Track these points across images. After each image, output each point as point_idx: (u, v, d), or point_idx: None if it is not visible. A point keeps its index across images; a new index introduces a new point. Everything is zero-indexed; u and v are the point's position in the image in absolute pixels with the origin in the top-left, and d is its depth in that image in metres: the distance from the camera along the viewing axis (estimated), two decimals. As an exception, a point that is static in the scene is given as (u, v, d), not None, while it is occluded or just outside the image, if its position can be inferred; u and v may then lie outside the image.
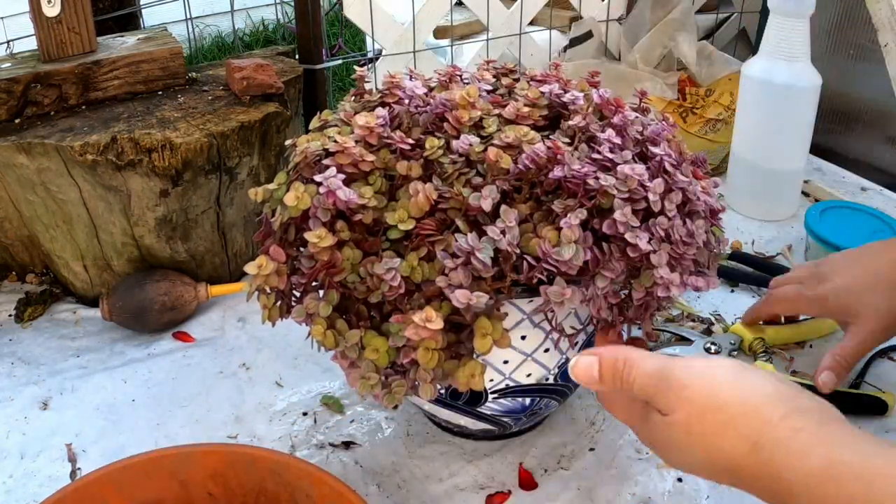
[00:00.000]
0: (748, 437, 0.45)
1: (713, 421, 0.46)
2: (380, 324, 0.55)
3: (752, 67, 1.01)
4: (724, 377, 0.47)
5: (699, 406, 0.47)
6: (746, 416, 0.45)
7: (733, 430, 0.45)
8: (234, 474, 0.59)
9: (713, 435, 0.46)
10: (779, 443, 0.43)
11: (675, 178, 0.56)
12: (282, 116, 0.89)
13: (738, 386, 0.46)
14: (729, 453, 0.45)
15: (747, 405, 0.45)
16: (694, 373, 0.47)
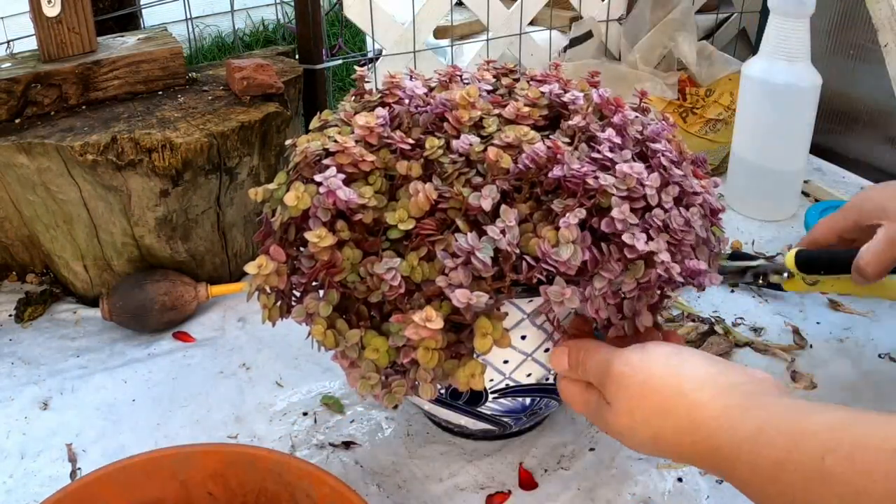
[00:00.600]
0: (685, 419, 0.48)
1: (650, 406, 0.50)
2: (380, 324, 0.55)
3: (752, 67, 1.01)
4: (656, 365, 0.51)
5: (636, 394, 0.50)
6: (679, 399, 0.48)
7: (670, 415, 0.49)
8: (235, 474, 0.59)
9: (653, 418, 0.50)
10: (713, 421, 0.47)
11: (671, 172, 0.56)
12: (282, 116, 0.89)
13: (669, 373, 0.50)
14: (671, 435, 0.49)
15: (678, 389, 0.49)
16: (631, 363, 0.51)
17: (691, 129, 1.16)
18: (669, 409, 0.49)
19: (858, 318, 0.88)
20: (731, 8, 1.46)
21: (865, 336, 0.85)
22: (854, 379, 0.79)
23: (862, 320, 0.88)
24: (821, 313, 0.89)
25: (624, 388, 0.51)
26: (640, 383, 0.50)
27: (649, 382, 0.50)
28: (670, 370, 0.50)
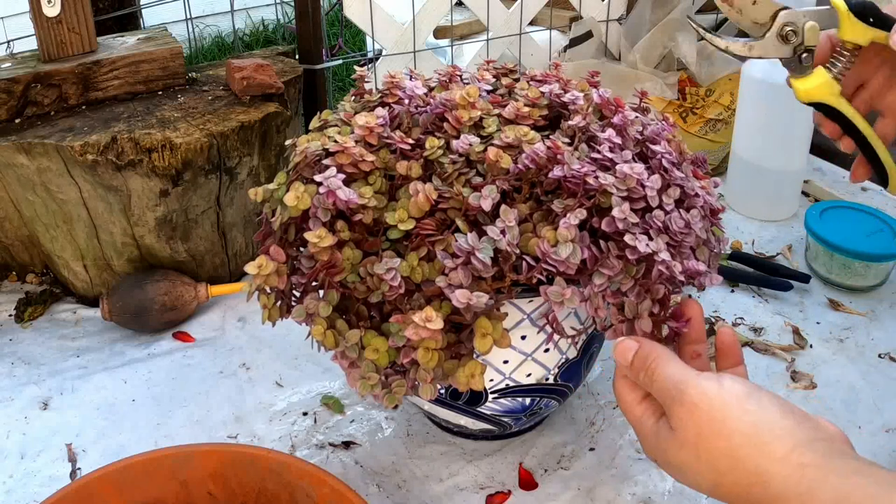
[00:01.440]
0: (755, 472, 0.45)
1: (721, 449, 0.46)
2: (380, 324, 0.55)
3: (752, 67, 1.01)
4: (733, 405, 0.47)
5: (707, 432, 0.47)
6: (753, 449, 0.46)
7: (740, 463, 0.46)
8: (235, 474, 0.59)
9: (721, 462, 0.46)
10: (787, 480, 0.44)
11: (672, 174, 0.56)
12: (282, 116, 0.89)
13: (746, 418, 0.47)
14: (735, 484, 0.46)
15: (754, 437, 0.46)
16: (708, 395, 0.48)
17: (691, 129, 1.16)
18: (741, 458, 0.46)
19: (858, 318, 0.88)
20: (731, 8, 1.46)
21: (865, 336, 0.85)
22: (854, 379, 0.79)
23: (862, 320, 0.88)
24: (821, 313, 0.89)
25: (695, 422, 0.48)
26: (715, 421, 0.47)
27: (725, 424, 0.47)
28: (748, 415, 0.47)
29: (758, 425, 0.46)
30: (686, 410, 0.48)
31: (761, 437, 0.46)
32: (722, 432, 0.47)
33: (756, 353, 0.83)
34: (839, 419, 0.74)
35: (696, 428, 0.47)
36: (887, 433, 0.73)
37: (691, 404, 0.48)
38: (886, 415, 0.75)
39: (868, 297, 0.91)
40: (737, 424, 0.46)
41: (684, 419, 0.48)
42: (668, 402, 0.49)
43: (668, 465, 0.50)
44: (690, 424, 0.48)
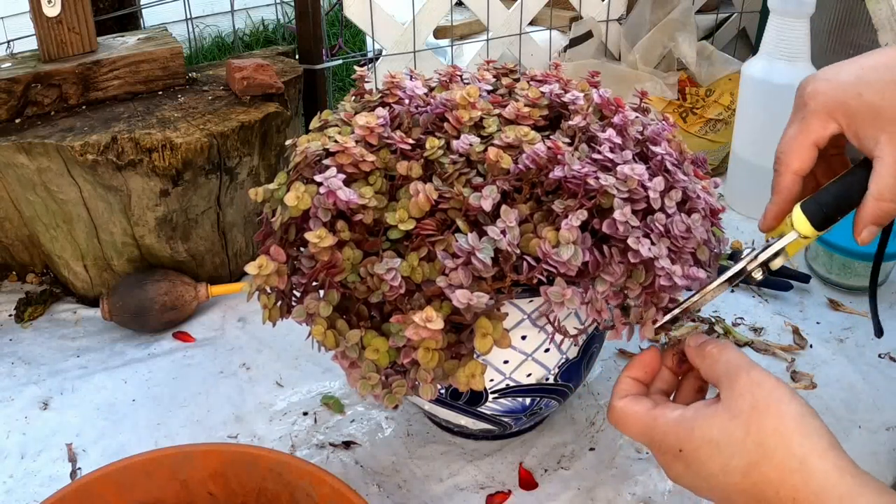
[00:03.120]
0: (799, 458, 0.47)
1: (772, 427, 0.48)
2: (380, 324, 0.55)
3: (752, 67, 1.01)
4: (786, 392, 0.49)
5: (763, 406, 0.48)
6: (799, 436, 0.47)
7: (787, 442, 0.47)
8: (235, 474, 0.59)
9: (769, 440, 0.47)
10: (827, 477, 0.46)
11: (675, 176, 0.56)
12: (282, 116, 0.89)
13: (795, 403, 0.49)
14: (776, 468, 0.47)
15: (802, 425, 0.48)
16: (769, 379, 0.50)
17: (691, 129, 1.16)
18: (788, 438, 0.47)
19: (858, 318, 0.88)
20: (731, 8, 1.46)
21: (865, 336, 0.85)
22: (854, 379, 0.79)
23: (862, 320, 0.88)
24: (821, 313, 0.89)
25: (753, 395, 0.49)
26: (772, 400, 0.49)
27: (780, 406, 0.48)
28: (796, 404, 0.48)
29: (804, 416, 0.48)
30: (750, 383, 0.49)
31: (806, 426, 0.48)
32: (776, 411, 0.48)
33: (756, 353, 0.83)
34: (839, 419, 0.74)
35: (753, 400, 0.49)
36: (888, 431, 0.73)
37: (756, 380, 0.50)
38: (886, 414, 0.75)
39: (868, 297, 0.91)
40: (788, 409, 0.48)
41: (745, 391, 0.49)
42: (731, 374, 0.51)
43: (704, 443, 0.50)
44: (749, 396, 0.49)
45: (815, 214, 0.57)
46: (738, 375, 0.50)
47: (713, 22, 1.43)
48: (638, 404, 0.54)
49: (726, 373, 0.51)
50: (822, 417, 0.49)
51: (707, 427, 0.50)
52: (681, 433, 0.51)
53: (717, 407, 0.50)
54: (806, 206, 0.57)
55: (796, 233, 0.57)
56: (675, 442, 0.51)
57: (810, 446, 0.47)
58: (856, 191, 0.55)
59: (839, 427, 0.73)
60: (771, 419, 0.48)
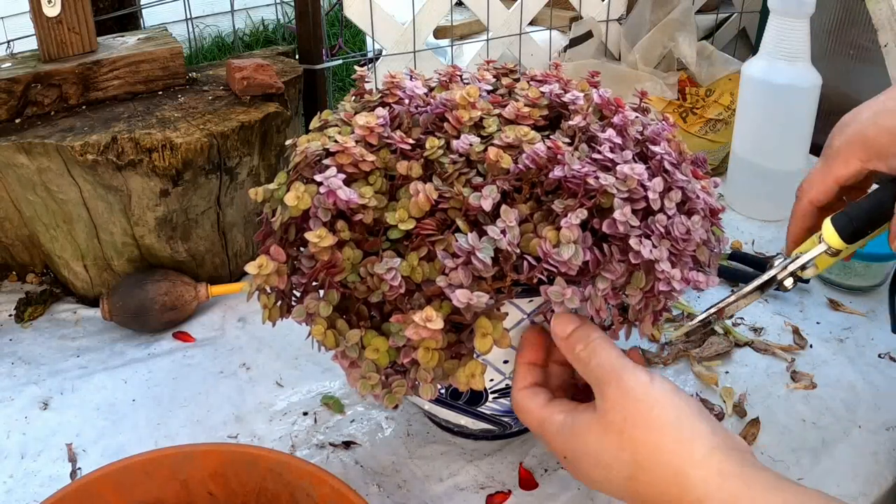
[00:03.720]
0: (675, 470, 0.46)
1: (644, 440, 0.47)
2: (380, 323, 0.55)
3: (752, 67, 1.01)
4: (661, 397, 0.48)
5: (635, 418, 0.48)
6: (675, 445, 0.47)
7: (662, 457, 0.47)
8: (235, 474, 0.59)
9: (642, 453, 0.47)
10: (706, 484, 0.45)
11: (674, 176, 0.56)
12: (282, 116, 0.89)
13: (672, 409, 0.48)
14: (652, 483, 0.47)
15: (677, 433, 0.47)
16: (642, 383, 0.49)
17: (691, 129, 1.16)
18: (663, 452, 0.47)
19: (858, 318, 0.88)
20: (731, 8, 1.46)
21: (865, 336, 0.85)
22: (854, 379, 0.79)
23: (862, 320, 0.88)
24: (821, 313, 0.89)
25: (623, 406, 0.48)
26: (643, 409, 0.48)
27: (652, 414, 0.48)
28: (674, 409, 0.48)
29: (681, 421, 0.47)
30: (620, 393, 0.49)
31: (683, 433, 0.47)
32: (648, 422, 0.48)
33: (756, 353, 0.83)
34: (839, 419, 0.74)
35: (624, 412, 0.48)
36: (888, 431, 0.73)
37: (626, 388, 0.49)
38: (886, 414, 0.75)
39: (868, 297, 0.91)
40: (663, 416, 0.48)
41: (615, 402, 0.49)
42: (602, 382, 0.50)
43: (583, 454, 0.50)
44: (619, 408, 0.48)
45: (845, 227, 0.58)
46: (608, 384, 0.50)
47: (713, 22, 1.44)
48: (532, 399, 0.54)
49: (597, 380, 0.51)
50: (823, 414, 0.49)
51: (584, 439, 0.50)
52: (561, 441, 0.51)
53: (592, 416, 0.50)
54: (836, 220, 0.59)
55: (826, 244, 0.58)
56: (559, 448, 0.52)
57: (687, 455, 0.46)
58: (887, 204, 0.56)
59: (839, 427, 0.73)
60: (643, 431, 0.47)
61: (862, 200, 0.59)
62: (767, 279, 0.58)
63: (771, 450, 0.71)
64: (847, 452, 0.71)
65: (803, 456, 0.70)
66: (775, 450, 0.71)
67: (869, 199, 0.58)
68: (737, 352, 0.83)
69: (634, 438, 0.47)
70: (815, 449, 0.71)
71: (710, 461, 0.46)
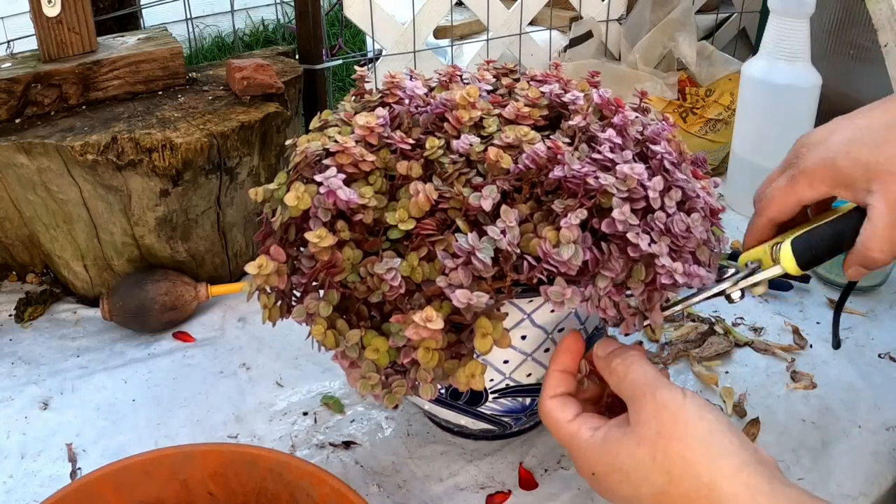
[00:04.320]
0: (706, 483, 0.46)
1: (677, 453, 0.47)
2: (380, 324, 0.55)
3: (752, 67, 1.01)
4: (694, 411, 0.49)
5: (669, 432, 0.48)
6: (706, 459, 0.47)
7: (693, 470, 0.47)
8: (235, 474, 0.59)
9: (675, 466, 0.47)
10: (736, 499, 0.45)
11: (674, 175, 0.56)
12: (282, 116, 0.89)
13: (703, 422, 0.48)
14: (684, 496, 0.47)
15: (708, 447, 0.47)
16: (674, 399, 0.49)
17: (691, 129, 1.16)
18: (694, 464, 0.47)
19: (858, 318, 0.88)
20: (731, 8, 1.46)
21: (865, 336, 0.85)
22: (854, 379, 0.79)
23: (862, 320, 0.88)
24: (821, 313, 0.89)
25: (659, 420, 0.48)
26: (678, 423, 0.48)
27: (687, 428, 0.48)
28: (705, 423, 0.48)
29: (713, 435, 0.48)
30: (655, 407, 0.49)
31: (714, 447, 0.47)
32: (682, 436, 0.48)
33: (756, 353, 0.83)
34: (839, 419, 0.74)
35: (659, 426, 0.48)
36: (888, 431, 0.73)
37: (661, 403, 0.49)
38: (886, 414, 0.75)
39: (868, 297, 0.91)
40: (695, 430, 0.48)
41: (649, 416, 0.49)
42: (636, 397, 0.50)
43: (613, 470, 0.50)
44: (654, 422, 0.49)
45: (804, 254, 0.57)
46: (643, 398, 0.50)
47: (713, 22, 1.44)
48: (562, 411, 0.54)
49: (632, 395, 0.51)
50: (822, 416, 0.49)
51: (615, 454, 0.50)
52: (592, 457, 0.51)
53: (625, 431, 0.50)
54: (797, 244, 0.57)
55: (781, 268, 0.58)
56: (588, 465, 0.52)
57: (718, 470, 0.46)
58: (846, 237, 0.56)
59: (839, 427, 0.73)
60: (676, 444, 0.47)
61: (824, 227, 0.58)
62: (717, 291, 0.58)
63: (771, 450, 0.71)
64: (847, 452, 0.71)
65: (803, 456, 0.70)
66: (775, 450, 0.71)
67: (830, 229, 0.57)
68: (737, 352, 0.83)
69: (668, 451, 0.48)
70: (815, 449, 0.71)
71: (740, 476, 0.46)
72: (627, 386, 0.52)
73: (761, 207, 0.62)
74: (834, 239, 0.57)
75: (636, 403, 0.50)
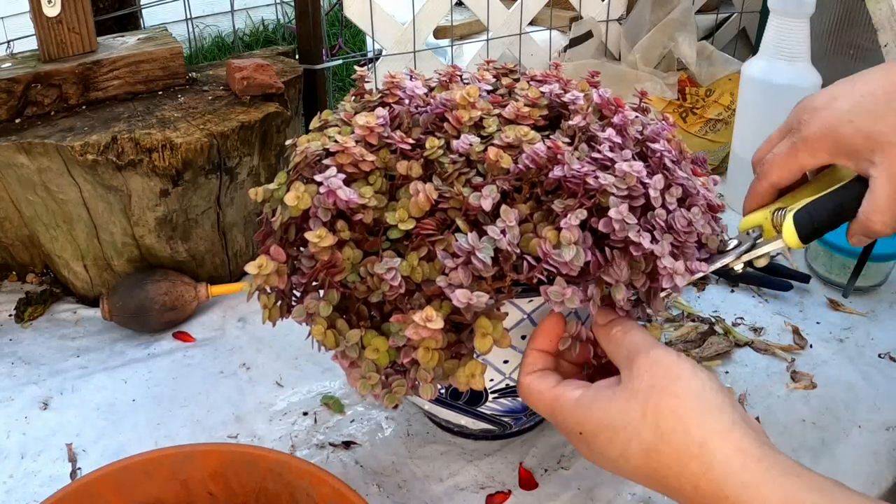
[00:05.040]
0: (698, 442, 0.46)
1: (670, 407, 0.47)
2: (380, 323, 0.55)
3: (752, 67, 1.01)
4: (687, 368, 0.48)
5: (662, 385, 0.48)
6: (698, 414, 0.46)
7: (684, 425, 0.46)
8: (235, 474, 0.59)
9: (666, 422, 0.47)
10: (729, 463, 0.45)
11: (674, 173, 0.56)
12: (282, 116, 0.89)
13: (696, 379, 0.48)
14: (674, 452, 0.46)
15: (701, 401, 0.47)
16: (669, 356, 0.49)
17: (691, 129, 1.16)
18: (686, 419, 0.46)
19: (858, 318, 0.88)
20: (731, 8, 1.46)
21: (865, 336, 0.85)
22: (854, 379, 0.79)
23: (862, 320, 0.88)
24: (821, 313, 0.89)
25: (652, 374, 0.48)
26: (670, 377, 0.48)
27: (679, 382, 0.47)
28: (697, 379, 0.48)
29: (705, 391, 0.47)
30: (649, 362, 0.49)
31: (707, 402, 0.47)
32: (675, 390, 0.47)
33: (756, 353, 0.83)
34: (839, 419, 0.74)
35: (652, 379, 0.48)
36: (888, 431, 0.73)
37: (655, 359, 0.49)
38: (886, 414, 0.75)
39: (868, 297, 0.91)
40: (688, 385, 0.47)
41: (643, 370, 0.49)
42: (631, 355, 0.50)
43: (602, 427, 0.49)
44: (647, 376, 0.48)
45: (806, 228, 0.57)
46: (638, 355, 0.50)
47: (713, 22, 1.44)
48: (542, 381, 0.53)
49: (627, 354, 0.51)
50: (819, 413, 0.48)
51: (605, 409, 0.49)
52: (579, 415, 0.50)
53: (615, 388, 0.49)
54: (798, 218, 0.57)
55: (782, 242, 0.58)
56: (575, 424, 0.51)
57: (710, 427, 0.46)
58: (848, 208, 0.56)
59: (839, 427, 0.73)
60: (669, 398, 0.47)
61: (826, 199, 0.57)
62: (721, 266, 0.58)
63: (771, 450, 0.71)
64: (847, 452, 0.71)
65: (803, 456, 0.70)
66: (775, 450, 0.71)
67: (832, 201, 0.57)
68: (737, 352, 0.83)
69: (659, 405, 0.47)
70: (815, 449, 0.71)
71: (731, 436, 0.45)
72: (624, 347, 0.51)
73: (762, 172, 0.61)
74: (835, 211, 0.57)
75: (631, 361, 0.50)
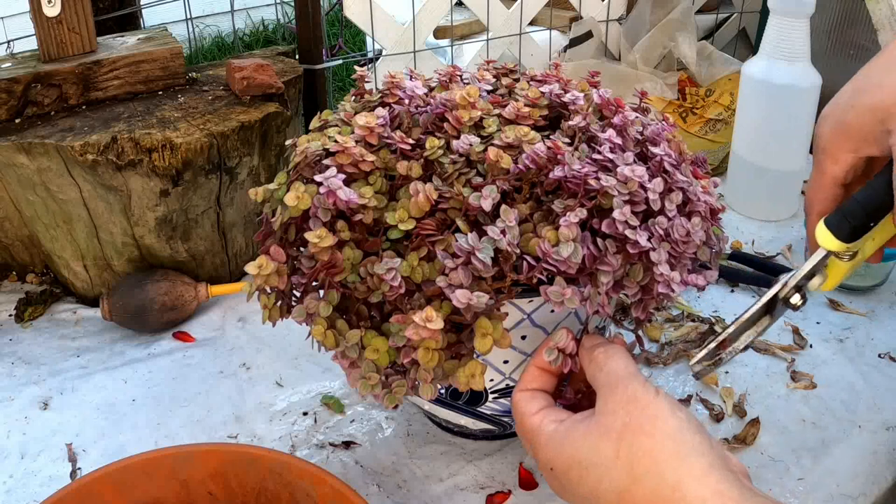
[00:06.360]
0: (672, 484, 0.44)
1: (644, 448, 0.45)
2: (380, 324, 0.55)
3: (752, 67, 1.02)
4: (665, 408, 0.47)
5: (636, 424, 0.46)
6: (674, 457, 0.45)
7: (659, 468, 0.45)
8: (235, 474, 0.59)
9: (640, 463, 0.45)
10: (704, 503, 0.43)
11: (674, 177, 0.56)
12: (282, 116, 0.89)
13: (673, 419, 0.46)
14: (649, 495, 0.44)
15: (678, 444, 0.45)
16: (647, 394, 0.47)
17: (691, 129, 1.16)
18: (661, 462, 0.45)
19: (858, 318, 0.88)
20: (731, 8, 1.46)
21: (865, 336, 0.85)
22: (854, 379, 0.79)
23: (862, 320, 0.88)
24: (821, 313, 0.89)
25: (627, 412, 0.46)
26: (646, 417, 0.46)
27: (655, 423, 0.46)
28: (675, 420, 0.46)
29: (682, 433, 0.45)
30: (625, 398, 0.47)
31: (684, 444, 0.45)
32: (650, 430, 0.46)
33: (756, 353, 0.83)
34: (839, 419, 0.74)
35: (627, 417, 0.46)
36: (888, 431, 0.73)
37: (632, 395, 0.47)
38: (886, 414, 0.75)
39: (868, 297, 0.91)
40: (664, 426, 0.46)
41: (618, 407, 0.47)
42: (609, 387, 0.49)
43: (573, 464, 0.47)
44: (622, 413, 0.47)
45: (840, 226, 0.53)
46: (615, 388, 0.48)
47: (713, 22, 1.44)
48: (529, 403, 0.52)
49: (606, 384, 0.49)
50: (819, 417, 0.48)
51: (577, 447, 0.47)
52: (551, 451, 0.49)
53: (589, 423, 0.48)
54: (829, 220, 0.54)
55: (823, 250, 0.54)
56: (546, 460, 0.50)
57: (686, 470, 0.44)
58: (882, 192, 0.52)
59: (839, 427, 0.73)
60: (643, 439, 0.45)
61: (857, 194, 0.54)
62: (770, 298, 0.54)
63: (771, 450, 0.71)
64: (847, 452, 0.71)
65: (803, 456, 0.70)
66: (775, 450, 0.71)
67: (865, 191, 0.53)
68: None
69: (633, 446, 0.45)
70: (815, 449, 0.71)
71: (708, 480, 0.44)
72: (604, 375, 0.50)
73: (806, 209, 0.59)
74: (868, 199, 0.53)
75: (607, 392, 0.48)
